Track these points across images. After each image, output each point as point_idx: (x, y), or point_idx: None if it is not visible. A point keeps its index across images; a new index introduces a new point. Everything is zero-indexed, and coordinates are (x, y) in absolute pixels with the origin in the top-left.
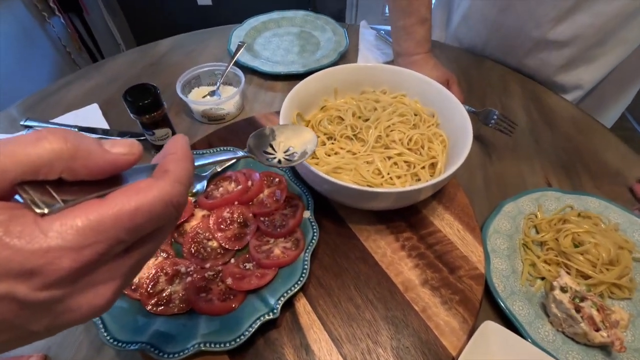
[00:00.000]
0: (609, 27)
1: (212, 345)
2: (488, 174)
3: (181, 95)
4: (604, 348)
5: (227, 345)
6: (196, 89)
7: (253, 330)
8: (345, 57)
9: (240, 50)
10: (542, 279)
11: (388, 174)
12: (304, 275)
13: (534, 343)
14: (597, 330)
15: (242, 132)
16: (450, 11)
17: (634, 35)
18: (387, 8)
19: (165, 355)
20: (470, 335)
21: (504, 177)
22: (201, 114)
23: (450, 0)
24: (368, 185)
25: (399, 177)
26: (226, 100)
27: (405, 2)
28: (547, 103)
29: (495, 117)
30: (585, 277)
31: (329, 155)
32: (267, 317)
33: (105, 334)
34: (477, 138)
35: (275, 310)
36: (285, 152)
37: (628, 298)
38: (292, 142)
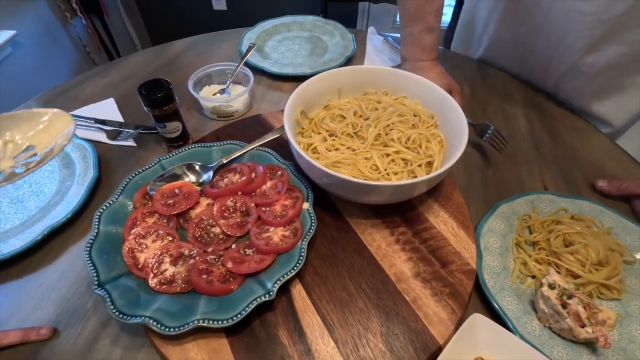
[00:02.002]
0: None
1: (211, 322)
2: (486, 177)
3: (192, 92)
4: (590, 345)
5: (225, 322)
6: (207, 87)
7: (250, 309)
8: (352, 61)
9: (251, 52)
10: (533, 277)
11: (385, 170)
12: (300, 261)
13: (521, 337)
14: (583, 326)
15: (249, 129)
16: (473, 32)
17: None
18: (398, 15)
19: (166, 329)
20: (458, 326)
21: (502, 180)
22: (211, 110)
23: (474, 19)
24: (365, 179)
25: (395, 174)
26: (235, 97)
27: (414, 9)
28: (549, 111)
29: (489, 131)
30: (575, 276)
31: (330, 151)
32: (263, 299)
33: (112, 307)
34: (477, 143)
35: (271, 293)
36: (21, 153)
37: (617, 299)
38: (35, 137)
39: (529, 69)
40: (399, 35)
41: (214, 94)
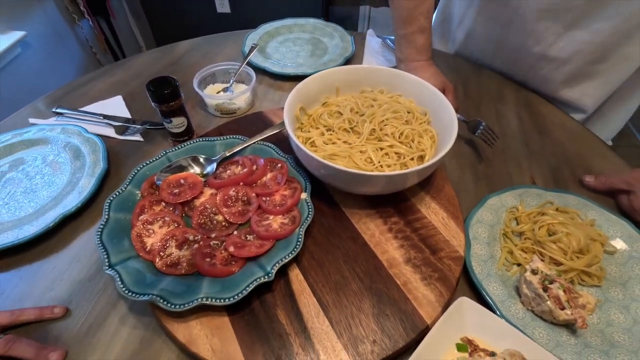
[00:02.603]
0: (609, 44)
1: (213, 300)
2: (478, 172)
3: (197, 90)
4: (569, 327)
5: (227, 300)
6: (211, 85)
7: (250, 289)
8: (351, 62)
9: (253, 52)
10: (519, 265)
11: (379, 162)
12: (297, 246)
13: (505, 319)
14: (563, 309)
15: (251, 125)
16: (449, 27)
17: (635, 51)
18: None
19: (172, 306)
20: (445, 308)
21: (493, 176)
22: (215, 108)
23: (450, 16)
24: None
25: (388, 166)
26: (238, 95)
27: (406, 12)
28: (539, 110)
29: (481, 127)
30: (558, 264)
31: (327, 144)
32: (263, 280)
33: (122, 286)
34: (470, 140)
35: (270, 274)
36: None
37: (597, 285)
38: None
39: (500, 60)
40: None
41: (218, 92)
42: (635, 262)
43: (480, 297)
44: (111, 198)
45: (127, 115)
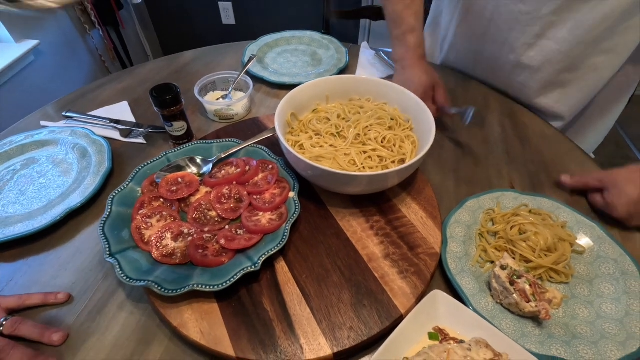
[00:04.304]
0: (575, 54)
1: (203, 287)
2: (459, 176)
3: (198, 96)
4: (535, 319)
5: (216, 287)
6: (211, 93)
7: (237, 277)
8: (344, 72)
9: (251, 62)
10: (492, 262)
11: (362, 164)
12: (283, 239)
13: (475, 311)
14: (528, 301)
15: (247, 129)
16: (437, 40)
17: (603, 62)
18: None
19: (165, 291)
20: (419, 299)
21: (473, 180)
22: (214, 113)
23: (437, 29)
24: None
25: (371, 168)
26: (235, 102)
27: (396, 15)
28: (522, 120)
29: (472, 113)
30: (528, 261)
31: (314, 147)
32: (250, 269)
33: (121, 273)
34: (454, 145)
35: (257, 264)
36: None
37: (565, 282)
38: None
39: (481, 70)
40: (390, 49)
41: (217, 99)
42: (602, 262)
43: (453, 291)
44: (114, 194)
45: (132, 119)
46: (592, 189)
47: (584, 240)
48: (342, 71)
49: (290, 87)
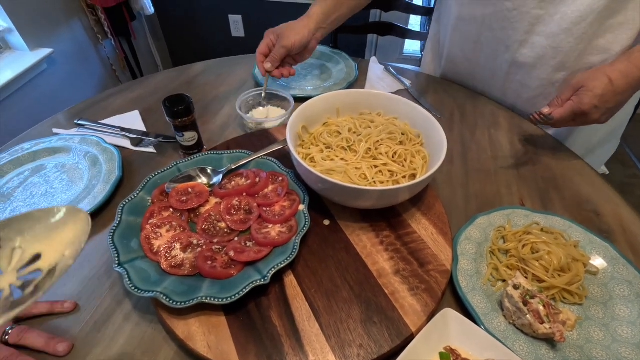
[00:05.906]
0: (566, 49)
1: (212, 299)
2: (469, 192)
3: (239, 112)
4: (549, 341)
5: (224, 300)
6: (253, 110)
7: (246, 291)
8: (354, 86)
9: (267, 77)
10: (503, 281)
11: (373, 178)
12: (293, 253)
13: (487, 331)
14: (542, 323)
15: (257, 141)
16: (436, 56)
17: (599, 62)
18: (404, 48)
19: (173, 303)
20: (430, 317)
21: (483, 196)
22: (254, 127)
23: (435, 46)
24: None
25: (382, 183)
26: (274, 120)
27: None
28: (531, 136)
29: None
30: (540, 281)
31: (325, 161)
32: (258, 283)
33: (129, 283)
34: (462, 160)
35: (266, 278)
36: (25, 265)
37: (579, 304)
38: (40, 245)
39: (479, 76)
40: (400, 65)
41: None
42: (617, 283)
43: (464, 309)
44: (124, 202)
45: (143, 128)
46: (570, 101)
47: (597, 261)
48: (351, 85)
49: (299, 99)
